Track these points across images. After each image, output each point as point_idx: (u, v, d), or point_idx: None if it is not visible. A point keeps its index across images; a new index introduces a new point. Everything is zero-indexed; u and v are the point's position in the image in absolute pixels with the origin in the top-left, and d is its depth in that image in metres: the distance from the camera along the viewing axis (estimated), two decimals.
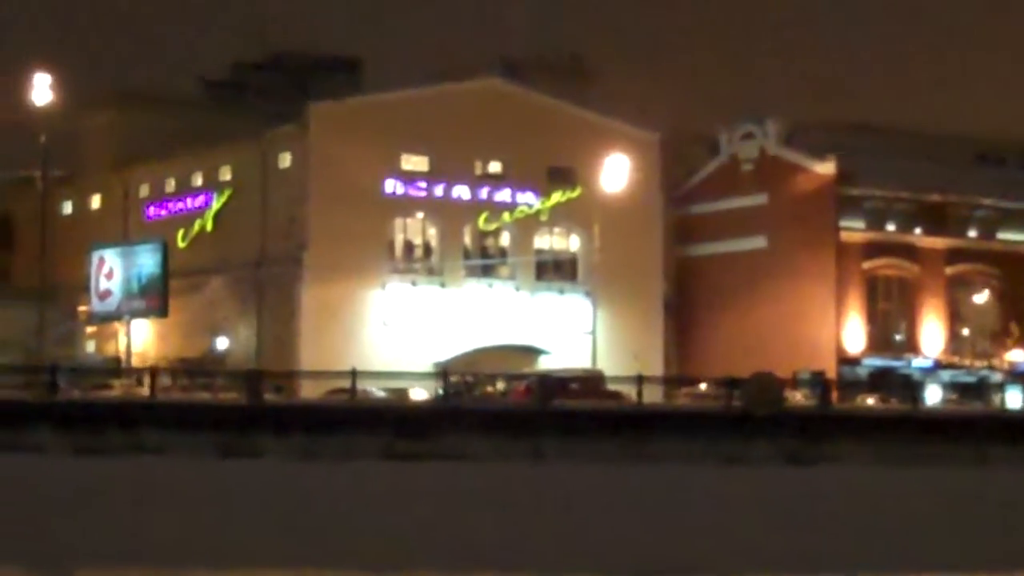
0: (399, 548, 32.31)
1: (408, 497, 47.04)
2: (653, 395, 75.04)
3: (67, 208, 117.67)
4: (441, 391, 74.38)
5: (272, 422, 64.87)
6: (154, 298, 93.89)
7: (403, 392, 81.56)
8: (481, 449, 63.56)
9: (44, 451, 61.29)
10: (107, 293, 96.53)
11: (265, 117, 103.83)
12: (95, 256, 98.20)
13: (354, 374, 70.09)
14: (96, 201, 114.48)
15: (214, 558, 29.99)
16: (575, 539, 34.47)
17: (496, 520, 38.73)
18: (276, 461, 60.92)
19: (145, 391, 79.80)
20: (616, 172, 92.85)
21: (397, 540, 33.61)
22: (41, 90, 79.22)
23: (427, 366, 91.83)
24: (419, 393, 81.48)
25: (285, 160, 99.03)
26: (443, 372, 74.20)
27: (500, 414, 67.52)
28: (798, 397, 78.82)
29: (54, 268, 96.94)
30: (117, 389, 78.82)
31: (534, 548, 32.71)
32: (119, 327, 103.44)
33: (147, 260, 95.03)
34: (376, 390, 79.97)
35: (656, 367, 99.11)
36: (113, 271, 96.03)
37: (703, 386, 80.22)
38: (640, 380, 69.62)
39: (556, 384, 73.59)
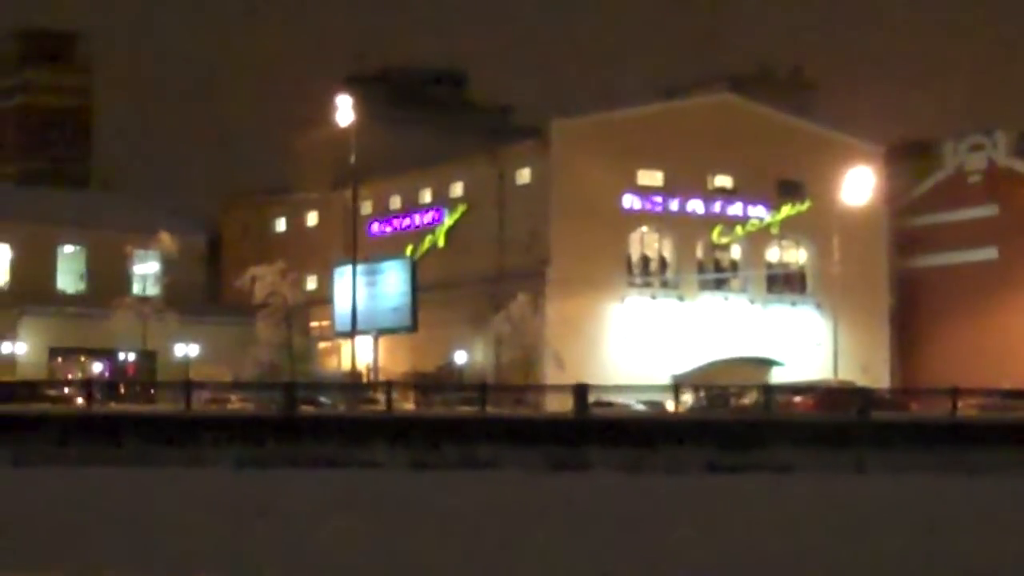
0: (731, 559, 32.71)
1: (736, 508, 47.46)
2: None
3: (280, 225, 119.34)
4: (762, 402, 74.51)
5: (598, 435, 65.69)
6: (403, 313, 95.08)
7: (660, 405, 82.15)
8: (804, 461, 64.12)
9: (381, 466, 62.32)
10: (352, 309, 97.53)
11: (471, 133, 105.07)
12: (337, 272, 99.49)
13: (675, 388, 70.87)
14: (312, 218, 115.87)
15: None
16: (910, 550, 34.69)
17: (829, 531, 39.14)
18: (605, 474, 61.63)
19: (410, 406, 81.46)
20: (857, 185, 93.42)
21: (729, 552, 33.96)
22: (344, 111, 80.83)
23: (665, 378, 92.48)
24: (671, 406, 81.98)
25: (524, 176, 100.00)
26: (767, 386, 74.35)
27: (820, 426, 68.01)
28: None
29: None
30: (382, 404, 79.91)
31: (869, 558, 33.01)
32: (341, 343, 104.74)
33: (394, 277, 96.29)
34: (635, 403, 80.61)
35: (883, 379, 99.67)
36: (358, 288, 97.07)
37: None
38: (955, 392, 70.00)
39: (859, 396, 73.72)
